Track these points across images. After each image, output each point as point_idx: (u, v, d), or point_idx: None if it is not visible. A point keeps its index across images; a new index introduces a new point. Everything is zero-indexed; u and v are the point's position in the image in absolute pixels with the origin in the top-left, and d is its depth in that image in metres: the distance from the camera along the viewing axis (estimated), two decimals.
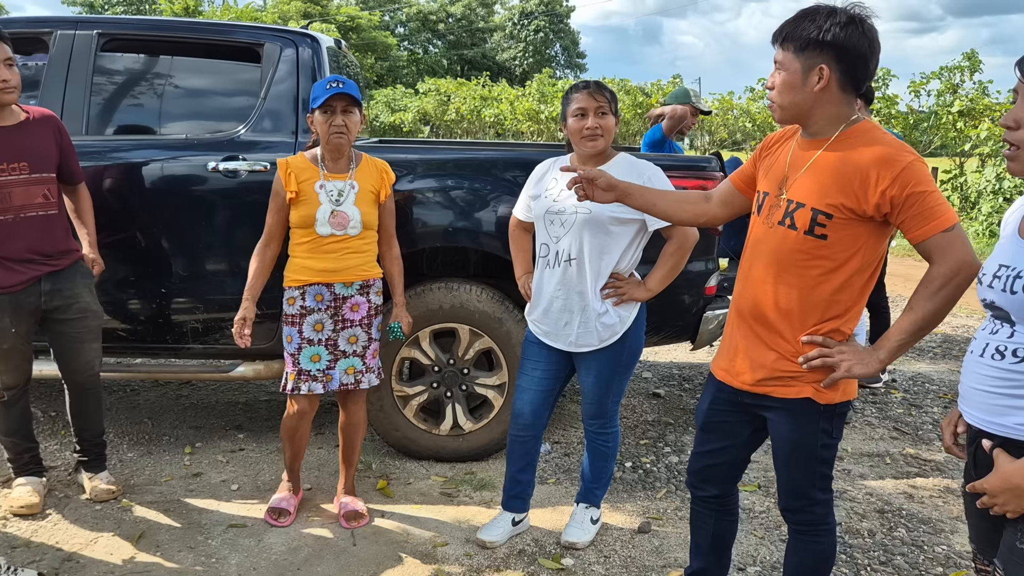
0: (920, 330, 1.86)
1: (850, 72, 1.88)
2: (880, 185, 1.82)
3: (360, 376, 3.05)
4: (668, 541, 3.03)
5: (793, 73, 1.90)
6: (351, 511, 3.13)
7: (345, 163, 2.98)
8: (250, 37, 3.65)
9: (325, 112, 2.86)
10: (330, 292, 2.96)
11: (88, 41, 3.52)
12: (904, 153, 1.84)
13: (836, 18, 1.84)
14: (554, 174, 2.85)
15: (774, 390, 2.04)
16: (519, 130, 22.28)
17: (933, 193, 1.80)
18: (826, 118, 1.93)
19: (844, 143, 1.91)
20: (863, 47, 1.85)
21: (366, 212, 2.95)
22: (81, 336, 3.12)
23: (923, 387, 4.98)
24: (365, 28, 40.42)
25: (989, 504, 1.57)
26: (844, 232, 1.89)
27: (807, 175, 1.94)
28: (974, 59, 13.05)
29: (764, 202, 2.05)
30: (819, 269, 1.93)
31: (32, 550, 2.87)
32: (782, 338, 2.00)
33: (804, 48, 1.88)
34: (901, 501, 3.41)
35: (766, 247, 2.02)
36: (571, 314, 2.75)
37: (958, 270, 1.80)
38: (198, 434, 4.02)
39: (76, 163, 3.14)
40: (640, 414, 4.44)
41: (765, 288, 2.02)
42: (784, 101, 1.94)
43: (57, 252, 3.03)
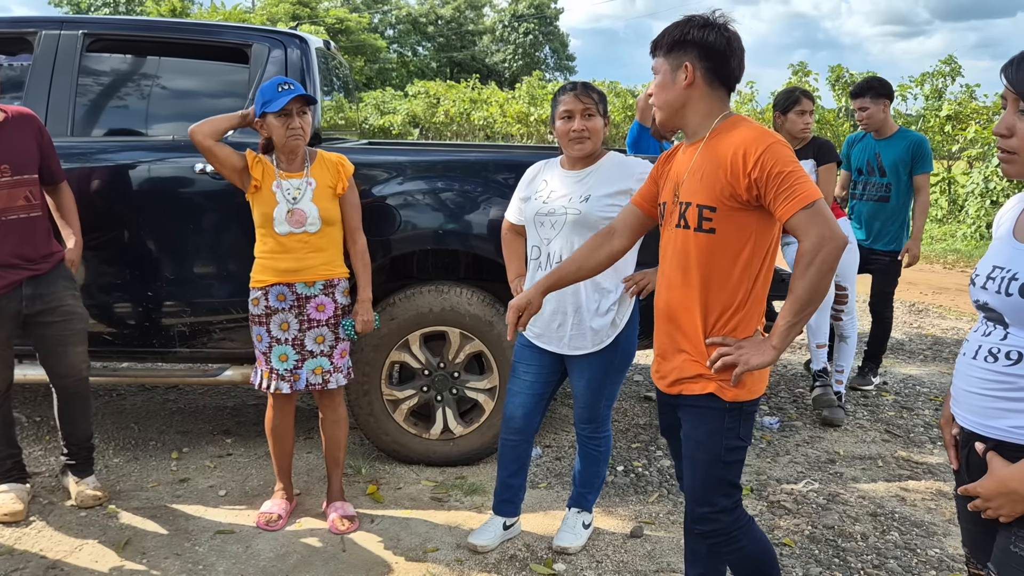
0: (802, 309, 1.90)
1: (714, 69, 2.02)
2: (746, 168, 1.91)
3: (328, 376, 3.03)
4: (661, 545, 3.01)
5: (664, 74, 2.06)
6: (340, 516, 3.10)
7: (300, 162, 2.99)
8: (238, 38, 3.62)
9: (282, 116, 2.86)
10: (292, 292, 2.96)
11: (73, 41, 3.48)
12: (765, 137, 1.93)
13: (694, 22, 2.03)
14: (544, 176, 2.83)
15: (683, 388, 2.09)
16: (509, 133, 22.27)
17: (792, 172, 1.88)
18: (698, 115, 2.05)
19: (716, 137, 2.02)
20: (720, 45, 2.00)
21: (324, 208, 2.95)
22: (65, 339, 3.07)
23: (914, 389, 4.98)
24: (354, 30, 40.35)
25: (982, 508, 1.56)
26: (730, 223, 1.97)
27: (691, 175, 2.04)
28: (954, 65, 13.14)
29: (664, 210, 2.15)
30: (713, 265, 2.00)
31: (15, 558, 2.82)
32: (689, 338, 2.06)
33: (671, 50, 2.05)
34: (894, 504, 3.40)
35: (670, 250, 2.10)
36: (564, 316, 2.73)
37: (821, 243, 1.85)
38: (185, 439, 3.97)
39: (57, 162, 3.10)
40: (632, 418, 4.43)
41: (672, 290, 2.09)
42: (659, 101, 2.09)
43: (39, 256, 2.98)
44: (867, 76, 4.00)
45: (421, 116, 25.51)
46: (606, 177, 2.70)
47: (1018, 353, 1.52)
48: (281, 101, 2.83)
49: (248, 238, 3.37)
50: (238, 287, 3.43)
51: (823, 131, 13.51)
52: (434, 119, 24.82)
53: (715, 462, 2.07)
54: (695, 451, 2.10)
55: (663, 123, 2.12)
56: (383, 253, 3.47)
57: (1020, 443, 1.51)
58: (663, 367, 2.16)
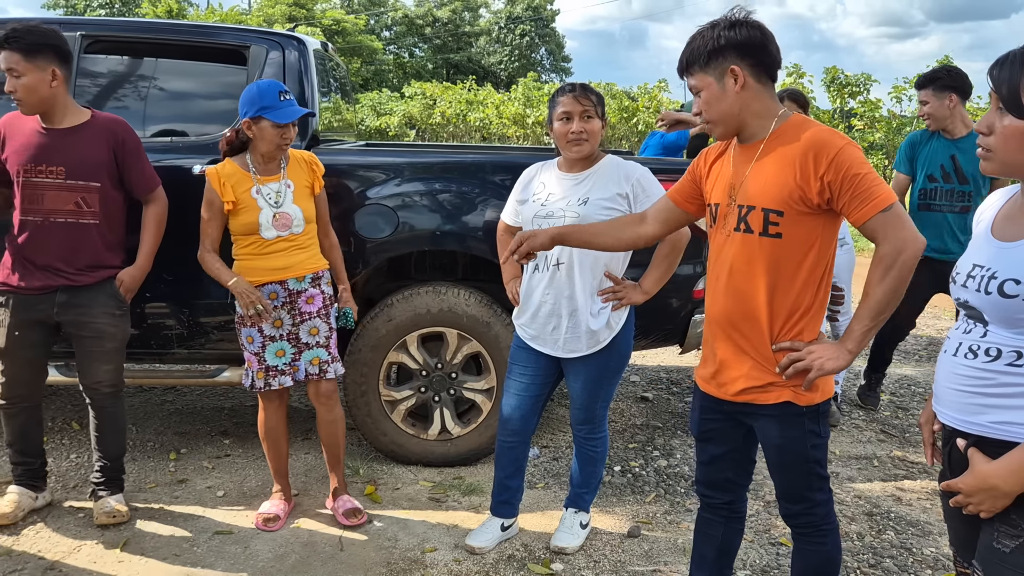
0: (879, 313, 1.89)
1: (759, 63, 1.96)
2: (818, 171, 1.87)
3: (326, 366, 3.06)
4: (658, 545, 3.02)
5: (710, 88, 1.99)
6: (349, 509, 3.13)
7: (276, 164, 2.99)
8: (236, 39, 3.62)
9: (278, 126, 2.86)
10: (284, 288, 2.98)
11: (71, 43, 3.48)
12: (836, 138, 1.89)
13: (721, 25, 1.97)
14: (542, 178, 2.84)
15: (755, 398, 2.05)
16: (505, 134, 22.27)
17: (868, 175, 1.85)
18: (756, 117, 1.99)
19: (779, 140, 1.96)
20: (756, 37, 1.95)
21: (306, 208, 2.99)
22: (92, 355, 3.01)
23: (909, 390, 5.00)
24: (351, 32, 40.31)
25: (963, 503, 1.58)
26: (797, 227, 1.93)
27: (752, 177, 1.99)
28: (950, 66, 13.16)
29: (717, 212, 2.10)
30: (780, 270, 1.97)
31: (14, 559, 2.82)
32: (754, 345, 2.02)
33: (708, 62, 1.97)
34: (889, 504, 3.41)
35: (727, 255, 2.05)
36: (559, 318, 2.74)
37: (902, 248, 1.84)
38: (183, 440, 3.98)
39: (140, 174, 3.01)
40: (628, 418, 4.44)
41: (732, 295, 2.05)
42: (715, 115, 2.01)
43: (80, 266, 2.93)
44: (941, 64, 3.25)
45: (418, 117, 25.49)
46: (604, 180, 2.71)
47: (997, 350, 1.54)
48: (287, 114, 2.84)
49: None
50: None
51: None
52: (430, 120, 24.80)
53: (803, 462, 2.06)
54: (782, 457, 2.08)
55: (724, 136, 2.06)
56: (381, 254, 3.48)
57: (1000, 439, 1.54)
58: (723, 375, 2.10)
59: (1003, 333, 1.54)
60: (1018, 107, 1.48)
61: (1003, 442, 1.53)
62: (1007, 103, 1.50)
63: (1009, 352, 1.53)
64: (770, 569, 2.87)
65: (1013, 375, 1.52)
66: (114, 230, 3.03)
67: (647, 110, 19.46)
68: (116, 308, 3.03)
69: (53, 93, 2.86)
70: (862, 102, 13.67)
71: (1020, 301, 1.49)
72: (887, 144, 13.60)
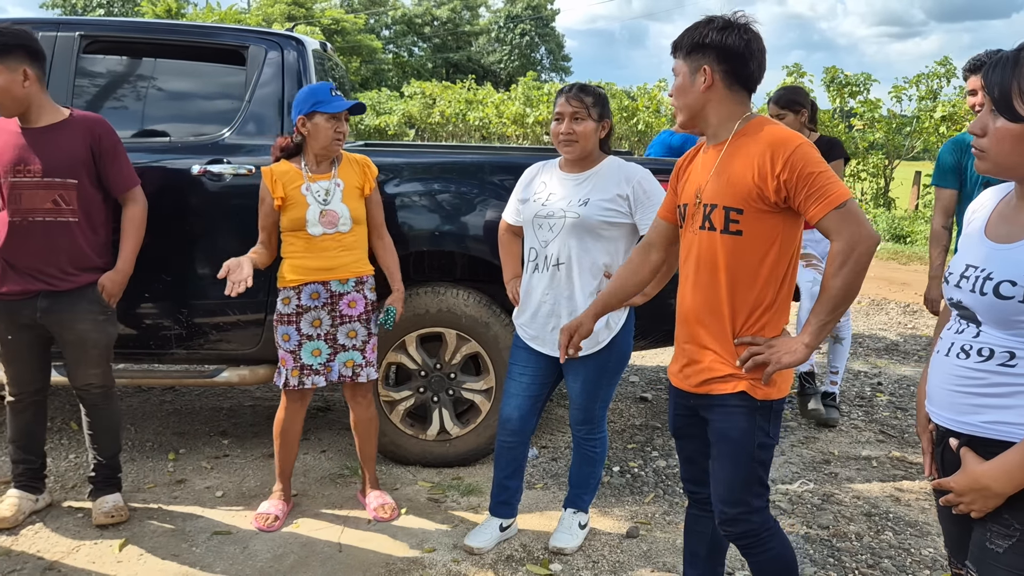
0: (835, 308, 1.93)
1: (732, 71, 2.02)
2: (774, 170, 1.92)
3: (359, 370, 3.09)
4: (657, 546, 3.02)
5: (683, 76, 2.07)
6: (380, 504, 3.18)
7: (328, 164, 3.03)
8: (235, 40, 3.62)
9: (333, 118, 2.90)
10: (326, 289, 3.00)
11: (70, 43, 3.48)
12: (793, 138, 1.94)
13: (713, 24, 2.02)
14: (543, 178, 2.84)
15: (712, 388, 2.08)
16: (504, 134, 22.27)
17: (823, 173, 1.90)
18: (718, 117, 2.05)
19: (740, 139, 2.02)
20: (739, 47, 2.00)
21: (354, 208, 3.00)
22: (78, 360, 3.01)
23: (908, 390, 5.00)
24: (350, 31, 40.31)
25: (954, 503, 1.59)
26: (757, 225, 1.98)
27: (714, 177, 2.04)
28: (948, 66, 13.17)
29: (685, 212, 2.15)
30: (741, 266, 2.00)
31: (12, 559, 2.82)
32: (717, 339, 2.06)
33: (689, 53, 2.05)
34: (888, 504, 3.42)
35: (694, 253, 2.10)
36: (559, 319, 2.74)
37: (855, 244, 1.87)
38: (182, 440, 3.98)
39: (118, 171, 2.97)
40: (627, 418, 4.44)
41: (697, 292, 2.09)
42: (679, 103, 2.10)
43: (61, 269, 2.90)
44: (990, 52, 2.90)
45: (417, 117, 25.50)
46: (605, 181, 2.72)
47: (990, 350, 1.55)
48: (339, 104, 2.88)
49: (244, 239, 3.38)
50: None
51: None
52: (430, 120, 24.82)
53: (747, 461, 2.07)
54: (728, 451, 2.09)
55: (684, 125, 2.14)
56: None
57: (993, 438, 1.54)
58: (687, 368, 2.14)
59: (996, 334, 1.54)
60: (1009, 109, 1.49)
61: (995, 442, 1.53)
62: (998, 105, 1.50)
63: (1002, 352, 1.53)
64: None
65: (1005, 375, 1.53)
66: (95, 229, 2.99)
67: (647, 110, 19.45)
68: (99, 313, 3.00)
69: (27, 93, 2.82)
70: (862, 102, 13.67)
71: (1015, 303, 1.49)
72: (887, 144, 13.60)
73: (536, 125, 21.21)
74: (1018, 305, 1.49)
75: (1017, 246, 1.53)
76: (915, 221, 13.16)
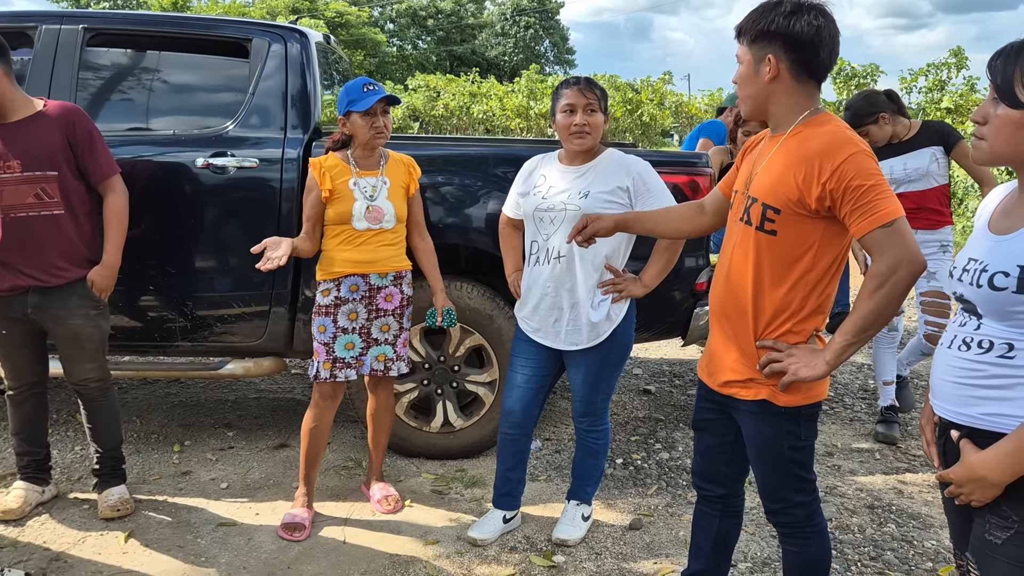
0: (864, 330, 1.83)
1: (800, 61, 1.88)
2: (821, 177, 1.81)
3: (390, 364, 3.11)
4: (659, 538, 3.03)
5: (747, 65, 1.95)
6: (384, 496, 3.20)
7: (375, 160, 3.05)
8: (238, 32, 3.62)
9: (367, 115, 2.91)
10: (365, 282, 3.01)
11: (74, 36, 3.49)
12: (847, 145, 1.82)
13: (781, 8, 1.87)
14: (543, 171, 2.84)
15: (736, 391, 2.05)
16: (508, 126, 22.24)
17: (874, 187, 1.78)
18: (782, 109, 1.94)
19: (797, 136, 1.91)
20: (808, 35, 1.85)
21: (398, 206, 3.02)
22: (72, 356, 3.01)
23: (916, 386, 4.99)
24: (354, 24, 40.24)
25: (955, 494, 1.60)
26: (793, 228, 1.89)
27: (764, 170, 1.96)
28: (960, 56, 13.11)
29: (734, 199, 2.09)
30: (770, 267, 1.94)
31: (19, 550, 2.84)
32: (740, 338, 2.02)
33: (754, 40, 1.92)
34: (891, 497, 3.42)
35: (730, 244, 2.05)
36: (560, 311, 2.75)
37: (895, 267, 1.77)
38: (187, 432, 3.99)
39: (95, 160, 2.93)
40: (631, 411, 4.45)
41: (728, 286, 2.04)
42: (743, 93, 1.99)
43: (48, 264, 2.88)
44: None
45: (421, 110, 25.46)
46: (605, 174, 2.71)
47: (990, 342, 1.55)
48: (369, 100, 2.88)
49: (247, 231, 3.39)
50: (240, 280, 3.45)
51: None
52: (434, 112, 24.78)
53: (778, 463, 2.04)
54: (758, 454, 2.07)
55: (749, 115, 2.02)
56: None
57: (991, 430, 1.55)
58: (712, 364, 2.11)
59: (995, 326, 1.55)
60: (1011, 96, 1.50)
61: (994, 434, 1.54)
62: (1000, 92, 1.51)
63: (1001, 344, 1.54)
64: (771, 561, 2.88)
65: (1004, 367, 1.53)
66: (81, 220, 2.95)
67: (651, 102, 19.41)
68: (91, 308, 2.98)
69: (0, 92, 2.79)
70: None
71: (1009, 294, 1.50)
72: None
73: (540, 118, 21.18)
74: (1012, 296, 1.49)
75: (1012, 237, 1.54)
76: None
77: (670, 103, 19.74)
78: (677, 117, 20.12)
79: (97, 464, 3.15)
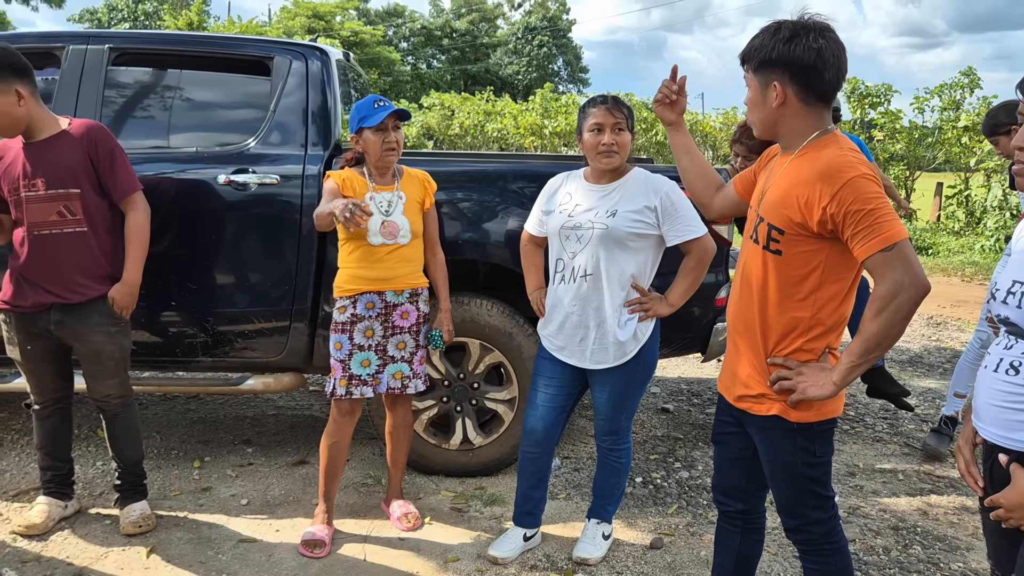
0: (869, 352, 1.82)
1: (806, 85, 1.87)
2: (821, 201, 1.81)
3: (407, 381, 3.10)
4: (681, 557, 3.00)
5: (754, 91, 1.95)
6: (404, 513, 3.19)
7: (391, 176, 3.05)
8: (260, 50, 3.66)
9: (379, 131, 2.92)
10: (381, 300, 3.00)
11: (99, 55, 3.53)
12: (847, 169, 1.80)
13: (780, 35, 1.86)
14: (568, 189, 2.84)
15: (749, 407, 2.05)
16: (522, 144, 22.30)
17: (873, 211, 1.76)
18: (791, 132, 1.94)
19: (803, 157, 1.91)
20: (810, 60, 1.83)
21: (414, 221, 3.02)
22: (93, 372, 3.03)
23: (933, 403, 4.95)
24: (369, 43, 40.55)
25: (1004, 518, 1.58)
26: (797, 248, 1.89)
27: (772, 190, 1.97)
28: (972, 76, 13.08)
29: (748, 215, 2.10)
30: (777, 285, 1.95)
31: (43, 564, 2.85)
32: (752, 353, 2.03)
33: (758, 67, 1.92)
34: (916, 518, 3.38)
35: (742, 260, 2.07)
36: (587, 330, 2.74)
37: (897, 291, 1.75)
38: (207, 448, 4.00)
39: (115, 178, 2.94)
40: (649, 429, 4.42)
41: (739, 302, 2.07)
42: (753, 119, 1.99)
43: (70, 281, 2.90)
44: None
45: (436, 128, 25.60)
46: (633, 193, 2.71)
47: None
48: (379, 116, 2.90)
49: (269, 248, 3.41)
50: (260, 296, 3.47)
51: None
52: (449, 131, 24.90)
53: (794, 479, 2.04)
54: (773, 470, 2.07)
55: (759, 137, 2.04)
56: None
57: None
58: (728, 377, 2.14)
59: None
60: None
61: None
62: None
63: None
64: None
65: None
66: (102, 238, 2.96)
67: None
68: (111, 325, 3.00)
69: (26, 112, 2.82)
70: (883, 113, 13.60)
71: None
72: (908, 155, 13.51)
73: (554, 136, 21.22)
74: None
75: None
76: (937, 233, 13.06)
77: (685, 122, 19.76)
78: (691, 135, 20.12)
79: (119, 480, 3.16)
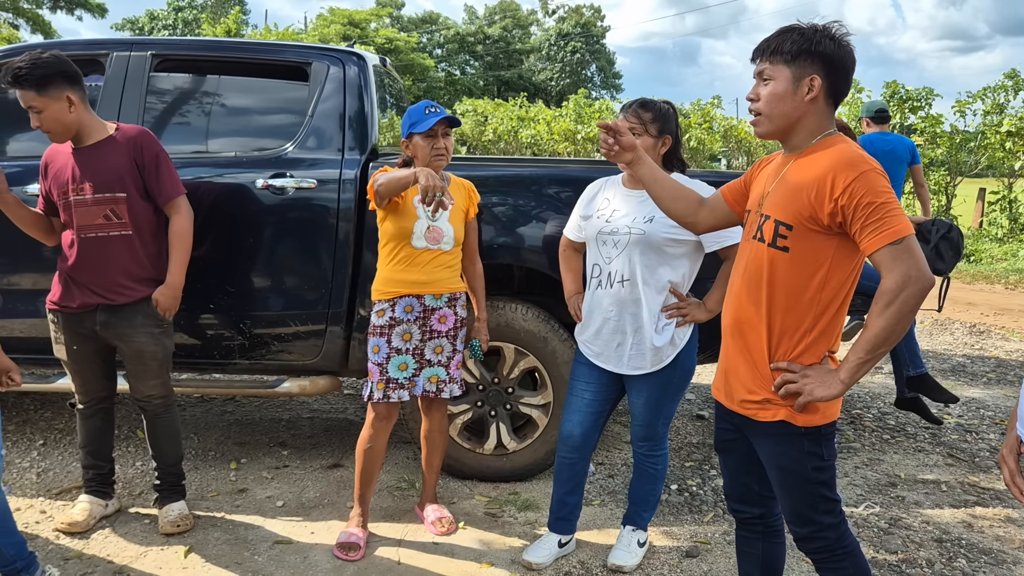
0: (876, 347, 1.82)
1: (835, 84, 1.93)
2: (833, 194, 1.83)
3: (443, 385, 3.10)
4: (717, 566, 2.96)
5: (783, 82, 1.93)
6: (438, 518, 3.19)
7: None
8: (298, 56, 3.70)
9: (428, 136, 2.93)
10: (420, 303, 3.01)
11: (142, 62, 3.59)
12: (859, 163, 1.83)
13: (826, 32, 1.91)
14: (606, 194, 2.83)
15: (753, 413, 2.03)
16: (555, 150, 22.30)
17: (884, 205, 1.79)
18: (806, 130, 1.96)
19: (810, 156, 1.94)
20: (848, 61, 1.92)
21: (458, 228, 3.03)
22: (137, 372, 3.08)
23: (977, 412, 4.84)
24: (403, 50, 40.90)
25: None
26: (805, 244, 1.90)
27: (777, 188, 1.97)
28: (1017, 79, 12.81)
29: (747, 219, 2.09)
30: (784, 285, 1.94)
31: (84, 562, 2.89)
32: (755, 356, 2.01)
33: (795, 58, 1.91)
34: (960, 530, 3.30)
35: (743, 262, 2.05)
36: (624, 335, 2.72)
37: (904, 284, 1.77)
38: (243, 450, 4.04)
39: (161, 182, 3.00)
40: (684, 436, 4.37)
41: (740, 303, 2.04)
42: (773, 111, 1.95)
43: (115, 283, 2.96)
44: None
45: (469, 134, 25.69)
46: None
47: None
48: (429, 122, 2.92)
49: (305, 251, 3.44)
50: (296, 299, 3.50)
51: None
52: (483, 137, 24.98)
53: (803, 484, 2.01)
54: (783, 478, 2.04)
55: (767, 133, 1.99)
56: None
57: None
58: (727, 383, 2.11)
59: None
60: None
61: None
62: None
63: None
64: None
65: None
66: (147, 241, 3.02)
67: (699, 127, 19.31)
68: (155, 326, 3.05)
69: (77, 118, 2.89)
70: (923, 117, 13.38)
71: None
72: (949, 160, 13.27)
73: (587, 142, 21.19)
74: None
75: None
76: (979, 239, 12.80)
77: (720, 127, 19.61)
78: (726, 141, 19.96)
79: (158, 480, 3.20)
